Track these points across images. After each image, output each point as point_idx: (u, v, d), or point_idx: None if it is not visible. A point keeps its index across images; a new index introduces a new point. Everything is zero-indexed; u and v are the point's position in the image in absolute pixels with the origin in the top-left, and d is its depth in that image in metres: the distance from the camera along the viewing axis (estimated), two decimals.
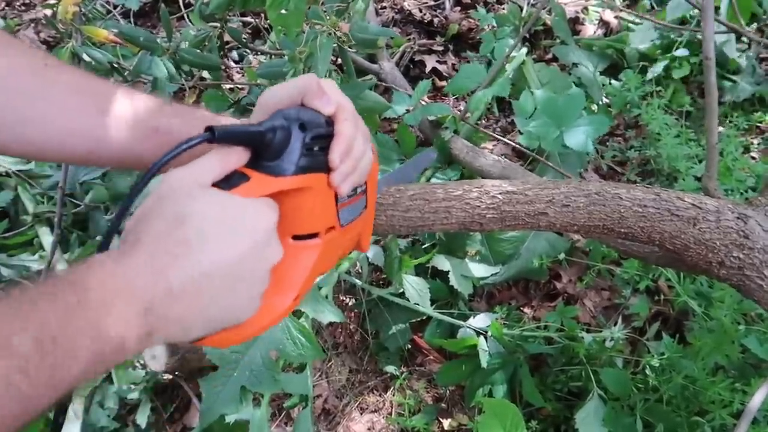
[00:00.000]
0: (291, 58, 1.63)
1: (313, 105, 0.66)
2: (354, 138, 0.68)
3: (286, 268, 0.64)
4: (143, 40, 1.83)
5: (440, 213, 0.91)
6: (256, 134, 0.59)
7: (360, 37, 1.58)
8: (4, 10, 3.15)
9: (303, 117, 0.63)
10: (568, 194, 0.90)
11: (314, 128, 0.63)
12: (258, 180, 0.60)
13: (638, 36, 2.57)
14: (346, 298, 2.17)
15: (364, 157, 0.70)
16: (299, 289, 0.66)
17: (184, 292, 0.52)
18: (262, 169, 0.61)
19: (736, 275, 0.92)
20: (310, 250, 0.67)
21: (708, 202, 0.92)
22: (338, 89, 0.70)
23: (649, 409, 1.61)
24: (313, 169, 0.63)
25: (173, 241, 0.53)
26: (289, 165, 0.61)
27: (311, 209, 0.66)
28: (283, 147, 0.61)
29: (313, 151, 0.63)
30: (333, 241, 0.70)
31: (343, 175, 0.66)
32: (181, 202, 0.55)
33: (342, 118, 0.67)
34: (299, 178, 0.62)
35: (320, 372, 2.06)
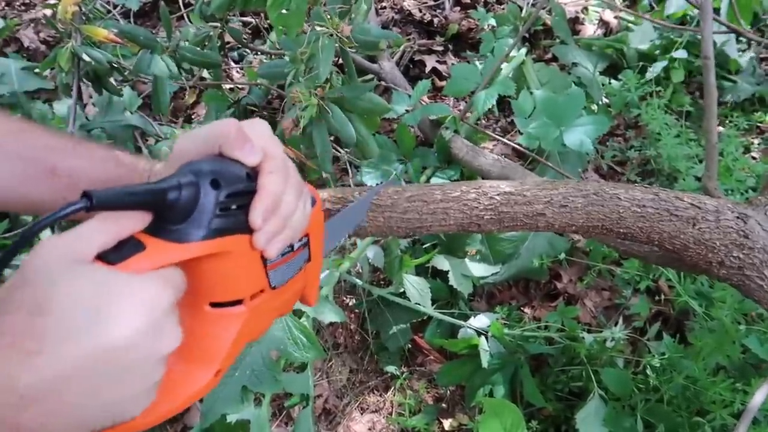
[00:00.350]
0: (292, 59, 1.63)
1: (233, 155, 0.57)
2: (282, 192, 0.59)
3: (204, 338, 0.57)
4: (143, 39, 1.83)
5: (438, 214, 0.90)
6: (151, 195, 0.50)
7: (362, 39, 1.58)
8: (4, 9, 3.15)
9: (217, 171, 0.55)
10: (567, 195, 0.90)
11: (231, 184, 0.55)
12: (155, 249, 0.51)
13: (638, 36, 2.57)
14: (346, 297, 2.17)
15: (296, 213, 0.61)
16: (220, 362, 0.57)
17: (37, 397, 0.43)
18: (163, 235, 0.51)
19: (736, 275, 0.92)
20: (232, 319, 0.58)
21: (707, 202, 0.92)
22: (267, 132, 0.62)
23: (649, 409, 1.61)
24: (230, 231, 0.55)
25: (29, 334, 0.43)
26: (198, 229, 0.52)
27: (231, 275, 0.57)
28: (190, 208, 0.52)
29: (230, 210, 0.54)
30: (262, 305, 0.61)
31: (268, 236, 0.57)
32: (46, 285, 0.45)
33: (267, 169, 0.58)
34: (211, 243, 0.53)
35: (321, 372, 2.06)
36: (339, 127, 1.60)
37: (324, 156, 1.66)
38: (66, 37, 1.83)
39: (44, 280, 0.45)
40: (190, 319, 0.54)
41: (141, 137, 2.37)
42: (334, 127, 1.60)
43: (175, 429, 1.95)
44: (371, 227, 0.89)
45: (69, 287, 0.45)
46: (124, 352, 0.45)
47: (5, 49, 2.90)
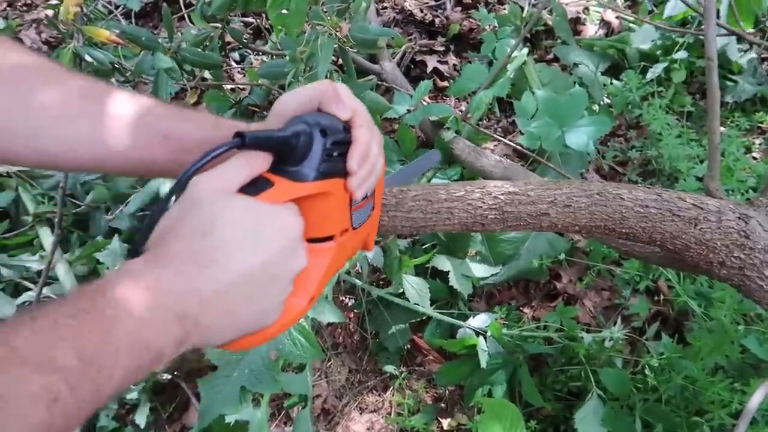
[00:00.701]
0: (292, 59, 1.63)
1: (330, 110, 0.66)
2: (370, 144, 0.69)
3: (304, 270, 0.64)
4: (145, 39, 1.83)
5: (442, 214, 0.91)
6: (282, 140, 0.60)
7: (360, 38, 1.58)
8: (6, 10, 3.16)
9: (323, 122, 0.63)
10: (570, 195, 0.90)
11: (334, 134, 0.64)
12: (281, 186, 0.60)
13: (639, 36, 2.57)
14: (345, 298, 2.17)
15: (378, 162, 0.72)
16: (314, 291, 0.66)
17: (214, 300, 0.53)
18: (284, 174, 0.61)
19: (736, 275, 0.92)
20: (324, 253, 0.67)
21: (709, 202, 0.92)
22: (352, 95, 0.70)
23: (648, 409, 1.61)
24: (332, 174, 0.64)
25: (201, 251, 0.53)
26: (311, 170, 0.62)
27: (329, 213, 0.66)
28: (305, 152, 0.61)
29: (332, 156, 0.64)
30: (345, 243, 0.70)
31: (360, 180, 0.67)
32: (207, 211, 0.55)
33: (358, 123, 0.68)
34: (320, 184, 0.62)
35: (320, 372, 2.06)
36: None
37: None
38: (68, 37, 1.83)
39: (205, 208, 0.55)
40: None
41: None
42: None
43: (174, 429, 1.95)
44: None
45: (228, 213, 0.55)
46: (273, 266, 0.57)
47: None
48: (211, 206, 0.55)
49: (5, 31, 2.89)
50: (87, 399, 0.44)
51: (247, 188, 0.59)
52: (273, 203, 0.59)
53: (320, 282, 0.67)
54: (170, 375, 1.97)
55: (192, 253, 0.53)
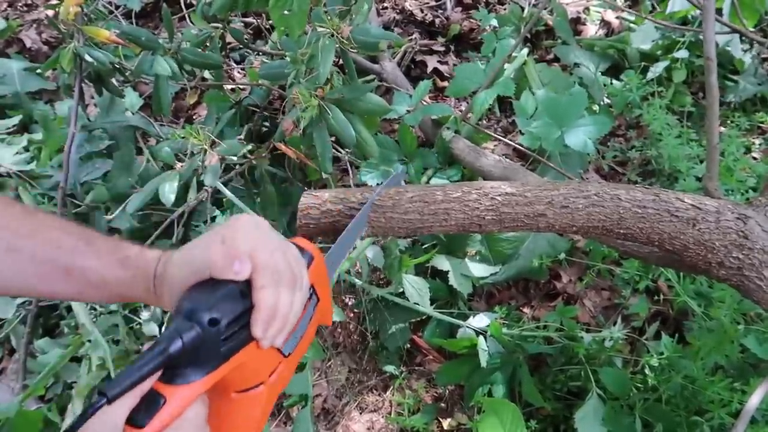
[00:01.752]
0: (293, 60, 1.63)
1: (225, 277, 0.62)
2: (276, 301, 0.63)
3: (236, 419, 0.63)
4: (145, 40, 1.83)
5: (439, 215, 0.91)
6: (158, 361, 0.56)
7: (362, 40, 1.58)
8: (6, 10, 3.16)
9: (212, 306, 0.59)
10: (567, 195, 0.91)
11: (228, 313, 0.60)
12: (175, 397, 0.56)
13: (640, 36, 2.57)
14: (345, 297, 2.17)
15: (294, 308, 0.66)
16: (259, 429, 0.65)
17: None
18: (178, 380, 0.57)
19: (735, 275, 0.92)
20: (255, 398, 0.65)
21: (708, 202, 0.92)
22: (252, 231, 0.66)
23: (648, 408, 1.61)
24: (239, 348, 0.61)
25: None
26: (208, 363, 0.58)
27: (248, 370, 0.64)
28: (196, 350, 0.58)
29: (234, 334, 0.60)
30: (281, 373, 0.68)
31: (271, 339, 0.63)
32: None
33: (259, 284, 0.62)
34: (223, 368, 0.59)
35: (320, 371, 2.06)
36: (339, 128, 1.60)
37: (324, 156, 1.67)
38: (68, 37, 1.84)
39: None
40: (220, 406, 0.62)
41: (142, 138, 2.37)
42: (335, 128, 1.61)
43: None
44: (373, 228, 0.89)
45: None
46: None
47: (7, 50, 2.91)
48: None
49: (6, 32, 2.90)
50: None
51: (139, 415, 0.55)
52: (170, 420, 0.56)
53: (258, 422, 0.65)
54: None
55: None
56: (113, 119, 2.26)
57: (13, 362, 1.99)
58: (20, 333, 1.96)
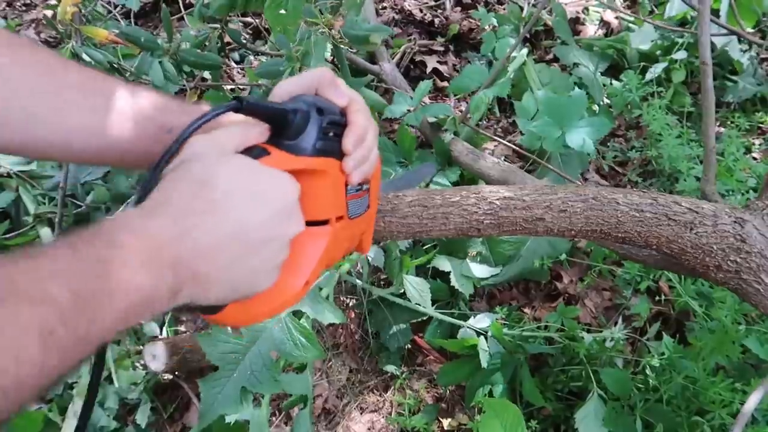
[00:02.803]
0: (288, 57, 1.63)
1: (328, 95, 0.68)
2: (366, 128, 0.70)
3: (298, 252, 0.65)
4: (144, 40, 1.83)
5: (438, 219, 0.91)
6: (279, 111, 0.61)
7: (352, 34, 1.58)
8: (5, 10, 3.16)
9: (320, 103, 0.65)
10: (566, 199, 0.91)
11: (330, 114, 0.65)
12: (277, 156, 0.61)
13: (639, 36, 2.57)
14: (346, 298, 2.17)
15: (374, 150, 0.73)
16: (308, 275, 0.67)
17: (209, 250, 0.53)
18: (281, 147, 0.62)
19: (733, 279, 0.92)
20: (320, 237, 0.68)
21: (705, 206, 0.92)
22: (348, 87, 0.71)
23: (649, 409, 1.61)
24: (328, 153, 0.65)
25: (200, 201, 0.54)
26: (307, 145, 0.63)
27: (324, 194, 0.67)
28: (301, 128, 0.63)
29: (328, 135, 0.65)
30: (341, 231, 0.71)
31: (355, 162, 0.68)
32: (208, 165, 0.56)
33: (355, 109, 0.69)
34: (315, 160, 0.64)
35: (320, 372, 2.07)
36: None
37: None
38: (66, 37, 1.83)
39: (205, 162, 0.56)
40: None
41: None
42: None
43: (174, 429, 1.95)
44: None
45: (226, 169, 0.56)
46: (269, 225, 0.58)
47: None
48: (210, 161, 0.56)
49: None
50: (80, 337, 0.44)
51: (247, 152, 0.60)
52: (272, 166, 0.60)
53: (316, 266, 0.67)
54: (171, 375, 1.98)
55: (190, 202, 0.54)
56: None
57: None
58: None
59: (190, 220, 0.53)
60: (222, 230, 0.54)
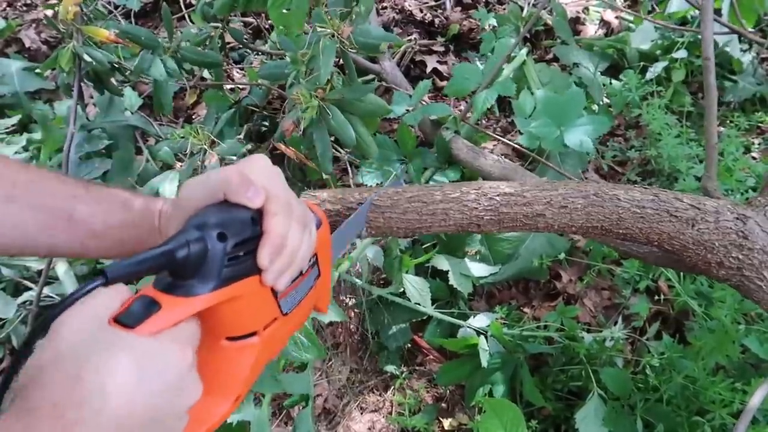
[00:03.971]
0: (293, 60, 1.63)
1: (238, 201, 0.60)
2: (287, 231, 0.62)
3: (222, 370, 0.60)
4: (144, 39, 1.83)
5: (438, 215, 0.91)
6: (162, 258, 0.54)
7: (362, 41, 1.58)
8: (6, 10, 3.16)
9: (222, 222, 0.58)
10: (566, 195, 0.90)
11: (237, 234, 0.58)
12: (170, 306, 0.53)
13: (639, 36, 2.57)
14: (346, 297, 2.17)
15: (302, 247, 0.65)
16: (239, 390, 0.61)
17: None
18: (176, 291, 0.54)
19: (735, 276, 0.92)
20: (247, 350, 0.61)
21: (707, 202, 0.92)
22: (267, 168, 0.65)
23: (649, 408, 1.61)
24: (240, 277, 0.58)
25: (71, 404, 0.47)
26: (209, 281, 0.55)
27: (244, 312, 0.60)
28: (200, 262, 0.55)
29: (238, 257, 0.58)
30: (276, 331, 0.65)
31: (276, 274, 0.61)
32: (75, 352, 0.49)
33: (271, 211, 0.61)
34: (222, 292, 0.56)
35: (320, 371, 2.06)
36: (339, 128, 1.60)
37: (324, 157, 1.67)
38: (67, 37, 1.83)
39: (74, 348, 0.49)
40: (207, 353, 0.58)
41: (141, 137, 2.37)
42: (335, 129, 1.61)
43: None
44: (372, 228, 0.89)
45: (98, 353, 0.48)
46: (157, 408, 0.50)
47: (7, 50, 2.91)
48: (79, 346, 0.49)
49: (5, 31, 2.90)
50: None
51: (130, 315, 0.52)
52: (155, 334, 0.51)
53: (246, 379, 0.62)
54: None
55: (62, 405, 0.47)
56: (112, 119, 2.26)
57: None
58: (21, 333, 1.96)
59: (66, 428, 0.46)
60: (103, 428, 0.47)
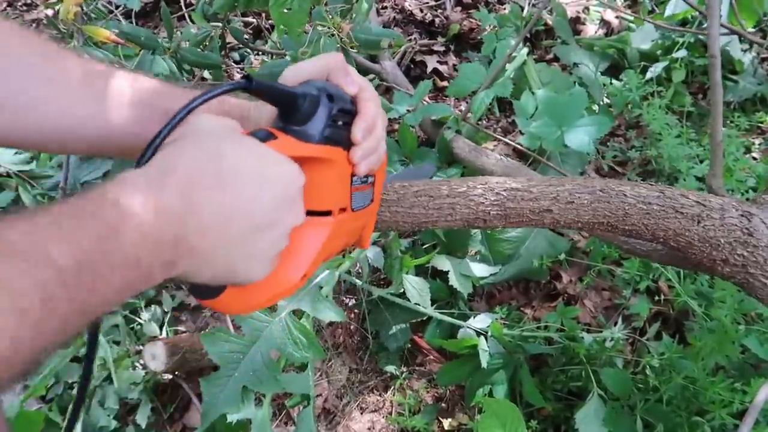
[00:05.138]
0: (294, 59, 1.63)
1: (339, 82, 0.67)
2: (377, 118, 0.69)
3: (297, 242, 0.63)
4: (144, 39, 1.83)
5: (444, 210, 0.90)
6: (288, 95, 0.60)
7: (363, 39, 1.58)
8: (6, 10, 3.16)
9: (330, 89, 0.63)
10: (573, 191, 0.90)
11: (340, 102, 0.64)
12: (284, 141, 0.59)
13: (639, 36, 2.57)
14: (346, 298, 2.17)
15: (383, 141, 0.72)
16: (307, 266, 0.65)
17: (212, 228, 0.52)
18: (288, 132, 0.60)
19: (739, 273, 0.92)
20: (321, 228, 0.66)
21: (712, 199, 0.92)
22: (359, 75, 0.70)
23: (649, 409, 1.61)
24: (335, 142, 0.64)
25: (207, 175, 0.52)
26: (315, 132, 0.61)
27: (328, 185, 0.66)
28: (310, 114, 0.61)
29: (337, 123, 0.64)
30: (342, 223, 0.69)
31: (364, 152, 0.67)
32: (215, 140, 0.54)
33: (365, 97, 0.68)
34: (323, 148, 0.62)
35: (320, 372, 2.06)
36: None
37: None
38: (68, 37, 1.83)
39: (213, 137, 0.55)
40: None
41: None
42: None
43: (175, 429, 1.95)
44: (378, 222, 0.89)
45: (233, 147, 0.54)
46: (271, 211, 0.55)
47: None
48: (218, 137, 0.55)
49: None
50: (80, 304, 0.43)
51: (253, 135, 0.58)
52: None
53: (315, 258, 0.66)
54: (171, 375, 1.97)
55: (197, 175, 0.52)
56: None
57: None
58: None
59: (197, 194, 0.51)
60: (227, 210, 0.52)
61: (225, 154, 0.53)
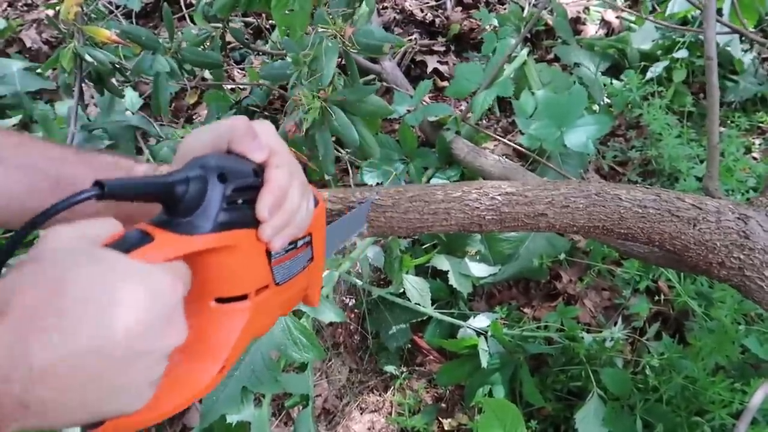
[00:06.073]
0: (295, 61, 1.63)
1: (241, 151, 0.58)
2: (288, 187, 0.60)
3: (209, 335, 0.57)
4: (145, 39, 1.83)
5: (439, 215, 0.91)
6: (160, 187, 0.51)
7: (365, 43, 1.58)
8: (6, 10, 3.16)
9: (224, 165, 0.55)
10: (568, 195, 0.90)
11: (238, 179, 0.55)
12: (163, 240, 0.51)
13: (640, 36, 2.57)
14: (346, 298, 2.17)
15: (301, 209, 0.62)
16: (225, 359, 0.57)
17: (49, 374, 0.42)
18: (171, 227, 0.52)
19: (736, 276, 0.92)
20: (237, 315, 0.58)
21: (708, 202, 0.92)
22: (272, 131, 0.62)
23: (648, 409, 1.61)
24: (236, 225, 0.55)
25: (46, 312, 0.43)
26: (205, 222, 0.52)
27: (236, 269, 0.57)
28: (197, 201, 0.53)
29: (236, 204, 0.55)
30: (266, 301, 0.61)
31: (274, 229, 0.58)
32: (63, 265, 0.45)
33: (274, 164, 0.59)
34: (217, 236, 0.53)
35: (320, 372, 2.06)
36: (342, 129, 1.60)
37: (326, 158, 1.67)
38: (68, 37, 1.83)
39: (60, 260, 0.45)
40: (195, 315, 0.54)
41: (142, 138, 2.37)
42: (337, 130, 1.61)
43: (174, 429, 1.95)
44: (373, 227, 0.89)
45: (86, 269, 0.45)
46: (137, 340, 0.45)
47: (8, 50, 2.91)
48: (67, 260, 0.45)
49: (6, 31, 2.90)
50: None
51: (118, 244, 0.49)
52: (148, 262, 0.48)
53: (234, 348, 0.58)
54: None
55: (34, 314, 0.42)
56: (113, 119, 2.26)
57: None
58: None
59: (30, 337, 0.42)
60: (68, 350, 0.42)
61: (70, 283, 0.44)
